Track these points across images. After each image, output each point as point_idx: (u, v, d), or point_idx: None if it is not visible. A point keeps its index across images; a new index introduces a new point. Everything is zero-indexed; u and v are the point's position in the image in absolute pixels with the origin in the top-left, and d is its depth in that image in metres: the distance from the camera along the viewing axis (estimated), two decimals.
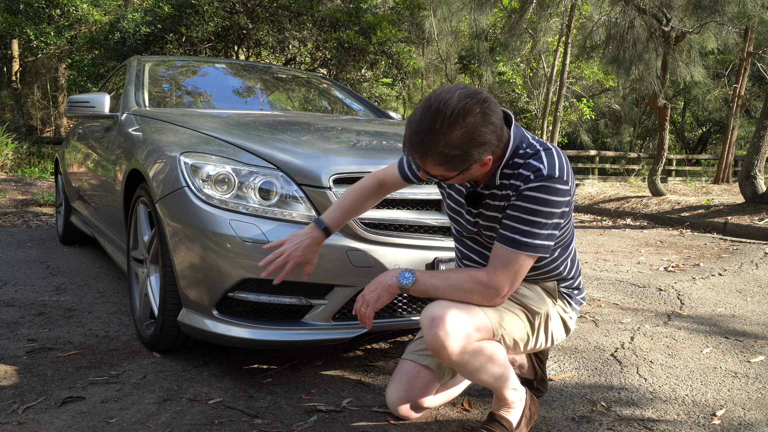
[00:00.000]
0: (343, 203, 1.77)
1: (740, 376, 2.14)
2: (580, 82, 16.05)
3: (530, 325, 1.63)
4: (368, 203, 1.80)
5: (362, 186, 1.79)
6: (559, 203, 1.46)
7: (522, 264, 1.49)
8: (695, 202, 7.45)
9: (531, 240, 1.46)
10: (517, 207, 1.47)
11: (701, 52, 9.26)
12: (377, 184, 1.79)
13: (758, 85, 17.52)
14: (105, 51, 9.53)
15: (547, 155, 1.47)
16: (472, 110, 1.35)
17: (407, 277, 1.55)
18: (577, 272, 1.73)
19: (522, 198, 1.46)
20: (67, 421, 1.68)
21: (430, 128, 1.35)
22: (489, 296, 1.51)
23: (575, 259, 1.71)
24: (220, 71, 3.91)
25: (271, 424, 1.69)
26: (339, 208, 1.76)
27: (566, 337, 1.78)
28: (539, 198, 1.45)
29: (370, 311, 1.57)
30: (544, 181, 1.44)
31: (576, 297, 1.73)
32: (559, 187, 1.45)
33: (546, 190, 1.44)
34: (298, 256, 1.70)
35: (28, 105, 16.39)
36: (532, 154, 1.48)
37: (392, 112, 3.97)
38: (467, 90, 1.38)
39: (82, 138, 3.93)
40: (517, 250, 1.47)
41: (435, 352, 1.51)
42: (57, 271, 3.67)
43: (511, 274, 1.49)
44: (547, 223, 1.46)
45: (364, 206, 1.80)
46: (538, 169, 1.45)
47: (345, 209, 1.77)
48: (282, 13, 9.33)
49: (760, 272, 3.97)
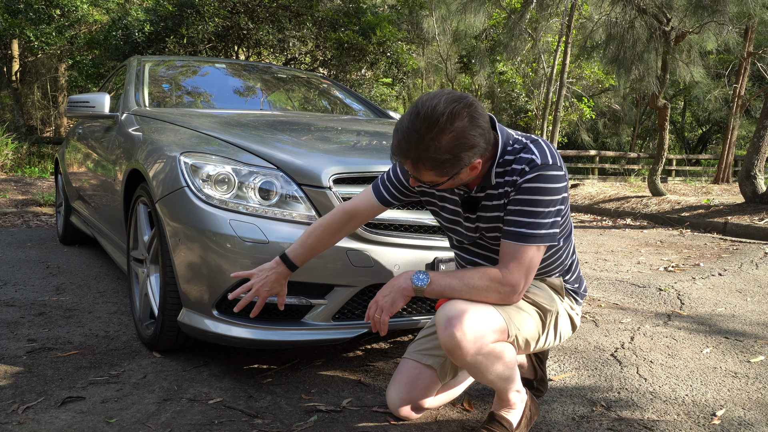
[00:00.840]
0: (308, 239, 1.74)
1: (740, 376, 2.14)
2: (580, 82, 16.06)
3: (542, 324, 1.63)
4: (336, 237, 1.77)
5: (329, 221, 1.74)
6: (558, 189, 1.48)
7: (533, 256, 1.49)
8: (695, 202, 7.45)
9: (537, 231, 1.47)
10: (518, 201, 1.48)
11: (701, 52, 9.26)
12: (346, 217, 1.74)
13: (758, 85, 17.52)
14: (105, 51, 9.54)
15: (536, 146, 1.50)
16: (460, 114, 1.37)
17: (422, 278, 1.52)
18: (577, 263, 1.76)
19: (521, 191, 1.47)
20: (67, 421, 1.68)
21: (420, 134, 1.37)
22: (506, 294, 1.50)
23: (574, 250, 1.74)
24: (220, 71, 3.91)
25: (271, 424, 1.69)
26: (304, 244, 1.74)
27: (572, 334, 1.79)
28: (538, 188, 1.46)
29: (385, 316, 1.53)
30: (540, 170, 1.46)
31: (580, 291, 1.75)
32: (555, 173, 1.47)
33: (543, 179, 1.46)
34: (267, 291, 1.74)
35: (28, 105, 16.40)
36: (522, 148, 1.50)
37: (392, 112, 3.97)
38: (453, 95, 1.40)
39: (82, 138, 3.93)
40: (525, 243, 1.48)
41: (449, 352, 1.50)
42: (57, 271, 3.67)
43: (524, 269, 1.49)
44: (549, 212, 1.48)
45: (332, 240, 1.76)
46: (531, 161, 1.47)
47: (311, 245, 1.74)
48: (282, 13, 9.33)
49: (760, 272, 3.97)
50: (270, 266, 1.74)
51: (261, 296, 1.74)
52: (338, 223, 1.75)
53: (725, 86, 15.91)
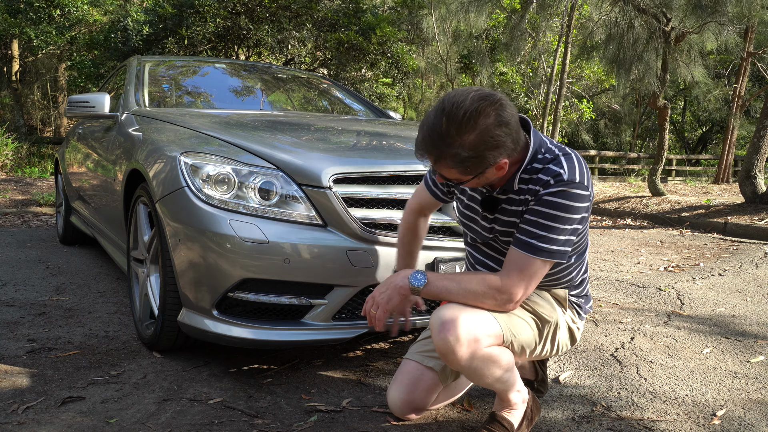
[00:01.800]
0: (408, 246, 1.85)
1: (740, 376, 2.14)
2: (580, 82, 16.05)
3: (539, 333, 1.61)
4: (423, 234, 1.87)
5: (410, 224, 1.84)
6: (579, 209, 1.44)
7: (537, 269, 1.47)
8: (695, 202, 7.44)
9: (548, 245, 1.44)
10: (536, 212, 1.45)
11: (701, 52, 9.25)
12: (417, 214, 1.83)
13: (758, 85, 17.52)
14: (105, 51, 9.53)
15: (567, 160, 1.46)
16: (486, 112, 1.34)
17: (419, 278, 1.52)
18: (587, 282, 1.73)
19: (541, 203, 1.44)
20: (67, 421, 1.68)
21: (444, 131, 1.35)
22: (502, 301, 1.49)
23: (587, 268, 1.71)
24: (220, 71, 3.91)
25: (271, 424, 1.69)
26: (411, 253, 1.86)
27: (571, 347, 1.77)
28: (559, 203, 1.43)
29: (381, 313, 1.54)
30: (565, 186, 1.43)
31: (584, 306, 1.73)
32: (580, 192, 1.43)
33: (566, 196, 1.43)
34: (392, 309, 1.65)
35: (28, 105, 16.40)
36: (552, 159, 1.47)
37: (392, 112, 3.97)
38: (481, 92, 1.37)
39: (82, 138, 3.93)
40: (533, 255, 1.45)
41: (444, 356, 1.49)
42: (57, 271, 3.67)
43: (525, 280, 1.47)
44: (565, 229, 1.44)
45: (422, 237, 1.87)
46: (558, 174, 1.44)
47: (412, 252, 1.86)
48: (282, 14, 9.33)
49: (760, 272, 3.97)
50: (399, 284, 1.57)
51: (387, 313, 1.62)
52: (416, 222, 1.84)
53: (725, 86, 15.90)
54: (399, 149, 2.27)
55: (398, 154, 2.18)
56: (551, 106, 11.52)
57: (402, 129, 2.82)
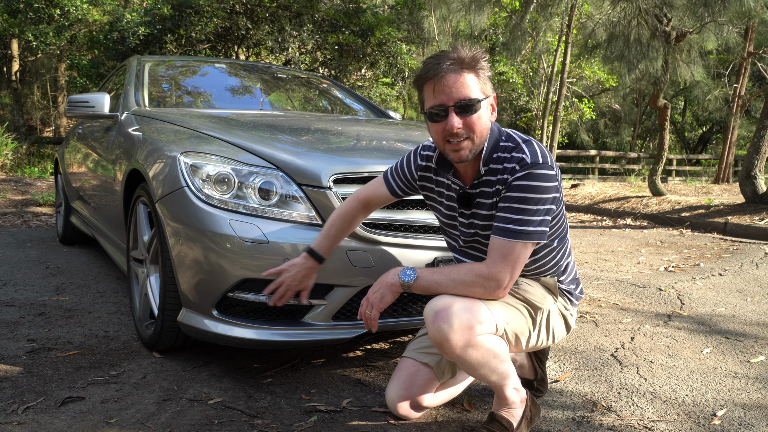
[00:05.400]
0: (330, 229, 1.81)
1: (740, 376, 2.14)
2: (580, 82, 16.05)
3: (532, 321, 1.65)
4: (354, 224, 1.84)
5: (346, 210, 1.81)
6: (548, 188, 1.51)
7: (520, 253, 1.52)
8: (695, 202, 7.44)
9: (525, 227, 1.50)
10: (508, 198, 1.52)
11: (701, 52, 9.24)
12: (361, 205, 1.82)
13: (758, 85, 17.52)
14: (104, 51, 9.53)
15: (528, 145, 1.55)
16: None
17: (409, 274, 1.58)
18: (573, 265, 1.77)
19: (511, 188, 1.52)
20: (67, 421, 1.68)
21: (465, 49, 1.49)
22: (491, 288, 1.53)
23: (570, 252, 1.76)
24: (219, 71, 3.90)
25: (271, 424, 1.69)
26: (328, 235, 1.81)
27: (567, 335, 1.80)
28: (528, 186, 1.50)
29: (375, 312, 1.59)
30: (530, 169, 1.51)
31: (575, 293, 1.76)
32: (545, 172, 1.51)
33: (533, 177, 1.51)
34: (296, 285, 1.80)
35: (28, 105, 16.40)
36: (514, 147, 1.56)
37: (392, 112, 3.97)
38: None
39: (82, 138, 3.93)
40: (513, 239, 1.51)
41: (438, 346, 1.52)
42: (57, 271, 3.67)
43: (510, 264, 1.52)
44: (539, 209, 1.51)
45: (350, 228, 1.84)
46: (521, 159, 1.52)
47: (333, 235, 1.82)
48: (282, 14, 9.32)
49: (760, 272, 3.97)
50: (300, 262, 1.79)
51: (291, 290, 1.80)
52: (354, 211, 1.82)
53: (725, 86, 15.90)
54: (399, 149, 2.27)
55: (398, 154, 2.18)
56: (551, 105, 11.52)
57: (402, 129, 2.82)
